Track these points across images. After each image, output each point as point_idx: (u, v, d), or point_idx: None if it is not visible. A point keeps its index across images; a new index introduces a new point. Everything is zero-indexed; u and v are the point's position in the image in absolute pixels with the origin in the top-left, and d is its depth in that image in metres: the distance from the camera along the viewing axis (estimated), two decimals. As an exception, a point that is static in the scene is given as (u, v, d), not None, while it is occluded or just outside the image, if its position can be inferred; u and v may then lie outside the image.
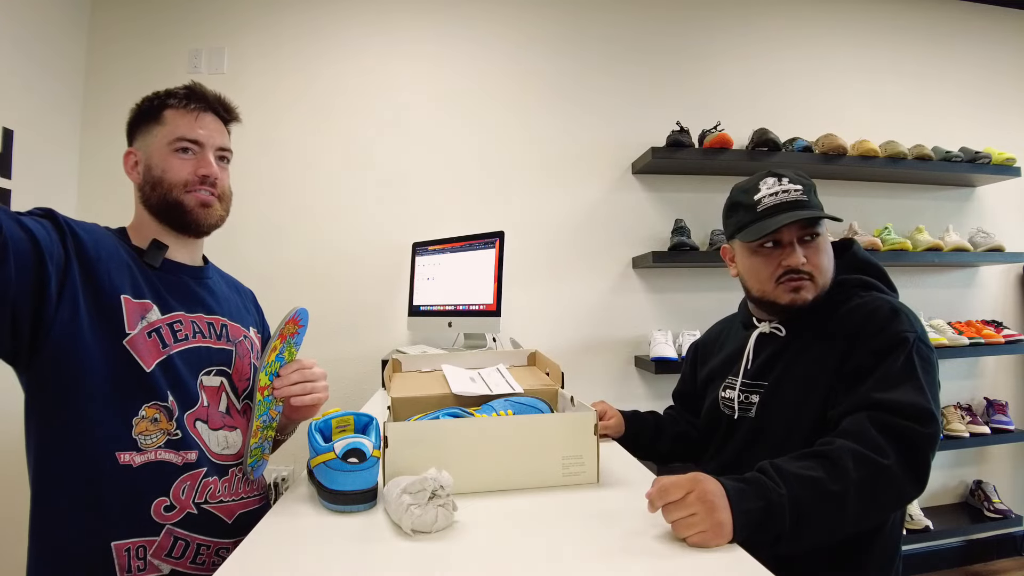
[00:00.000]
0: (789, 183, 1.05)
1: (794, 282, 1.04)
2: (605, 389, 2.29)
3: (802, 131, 2.36)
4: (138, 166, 0.97)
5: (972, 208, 2.61)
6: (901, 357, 0.93)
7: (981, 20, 2.69)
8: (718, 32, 2.46)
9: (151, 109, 0.97)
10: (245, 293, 1.20)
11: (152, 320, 0.88)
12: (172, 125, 0.95)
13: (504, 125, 2.29)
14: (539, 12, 2.34)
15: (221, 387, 0.96)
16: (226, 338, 0.99)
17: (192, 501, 0.86)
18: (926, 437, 0.85)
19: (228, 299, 1.07)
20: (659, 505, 0.69)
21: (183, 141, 0.94)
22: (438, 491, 0.69)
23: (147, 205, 0.96)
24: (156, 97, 0.98)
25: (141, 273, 0.91)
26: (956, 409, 2.38)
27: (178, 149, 0.94)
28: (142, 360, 0.85)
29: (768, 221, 1.03)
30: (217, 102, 1.00)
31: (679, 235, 2.21)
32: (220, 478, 0.91)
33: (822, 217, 1.03)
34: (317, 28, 2.20)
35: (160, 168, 0.94)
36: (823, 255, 1.05)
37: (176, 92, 0.97)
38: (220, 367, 0.97)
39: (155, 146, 0.95)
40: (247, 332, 1.06)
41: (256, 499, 0.99)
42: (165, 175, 0.94)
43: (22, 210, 0.81)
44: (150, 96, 0.98)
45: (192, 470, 0.86)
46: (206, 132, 0.97)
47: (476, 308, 1.86)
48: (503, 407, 0.94)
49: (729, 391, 1.17)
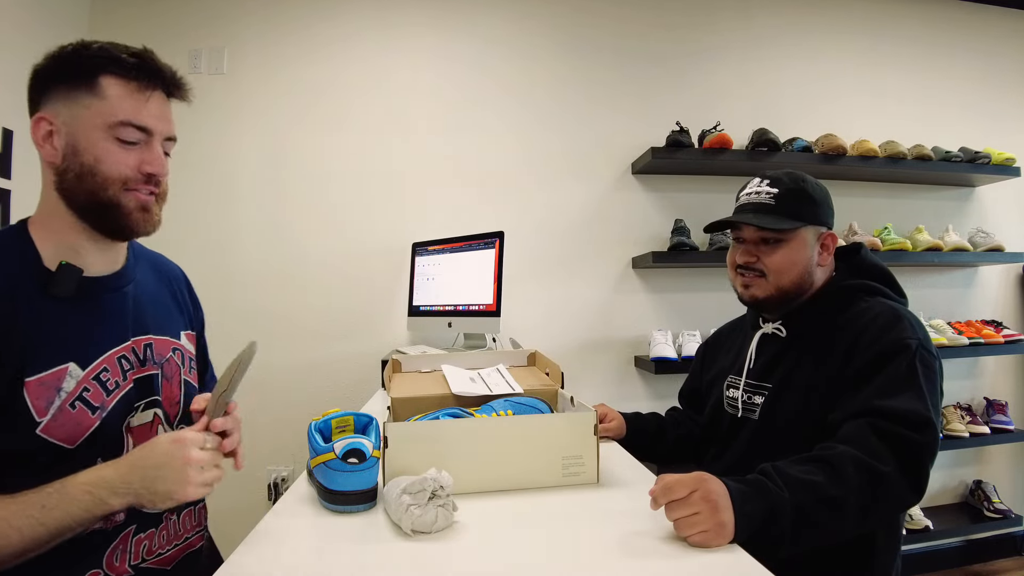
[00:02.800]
0: (768, 186, 1.09)
1: (744, 277, 1.12)
2: (605, 389, 2.29)
3: (802, 131, 2.36)
4: (53, 139, 0.75)
5: (972, 208, 2.61)
6: (903, 364, 0.93)
7: (981, 20, 2.69)
8: (718, 32, 2.46)
9: (81, 68, 0.74)
10: (175, 278, 0.99)
11: (71, 389, 0.72)
12: (114, 103, 0.74)
13: (504, 125, 2.29)
14: (539, 12, 2.34)
15: (155, 420, 0.83)
16: (151, 360, 0.84)
17: (128, 564, 0.77)
18: (924, 446, 0.86)
19: (154, 302, 0.90)
20: (662, 502, 0.69)
21: (128, 128, 0.74)
22: (438, 491, 0.69)
23: (65, 196, 0.75)
24: (88, 53, 0.74)
25: (45, 317, 0.72)
26: (956, 409, 2.38)
27: (120, 137, 0.74)
28: (63, 441, 0.71)
29: (726, 219, 1.13)
30: (172, 79, 0.80)
31: (679, 235, 2.21)
32: (156, 528, 0.81)
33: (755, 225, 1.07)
34: (317, 28, 2.20)
35: (92, 155, 0.74)
36: (781, 257, 1.07)
37: (120, 57, 0.75)
38: (151, 398, 0.82)
39: (85, 123, 0.74)
40: (177, 342, 0.90)
41: (196, 537, 0.89)
42: (99, 166, 0.74)
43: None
44: (77, 47, 0.75)
45: (123, 531, 0.76)
46: (157, 118, 0.77)
47: (476, 308, 1.85)
48: (503, 407, 0.94)
49: (733, 390, 1.17)
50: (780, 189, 1.08)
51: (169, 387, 0.86)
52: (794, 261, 1.08)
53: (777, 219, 1.07)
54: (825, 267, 1.12)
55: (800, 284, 1.09)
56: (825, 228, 1.11)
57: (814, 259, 1.09)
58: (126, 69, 0.75)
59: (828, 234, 1.11)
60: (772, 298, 1.10)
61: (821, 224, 1.10)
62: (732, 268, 1.15)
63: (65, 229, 0.77)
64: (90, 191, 0.74)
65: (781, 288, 1.08)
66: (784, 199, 1.07)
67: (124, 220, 0.77)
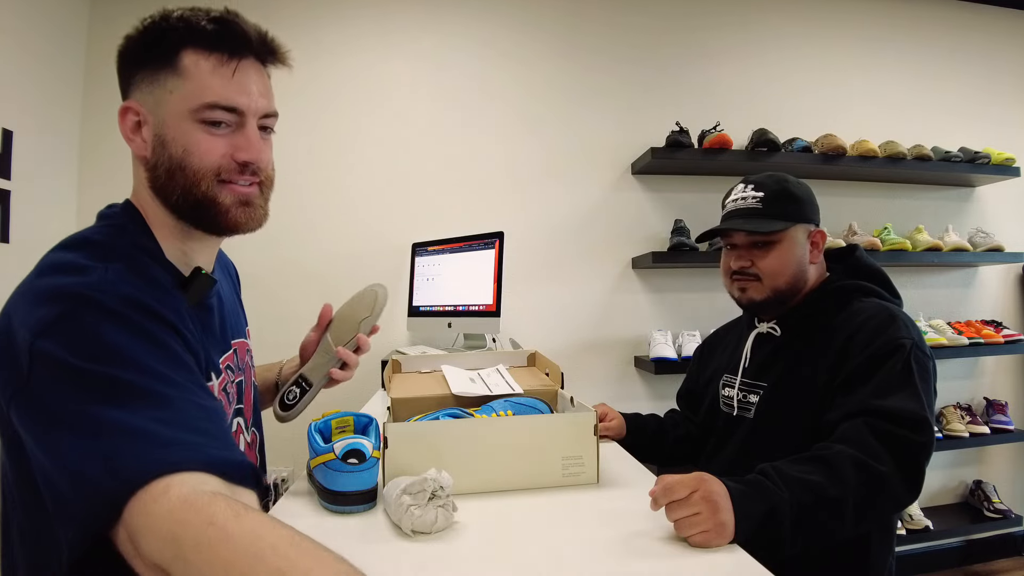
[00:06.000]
0: (753, 191, 1.11)
1: (739, 282, 1.14)
2: (605, 389, 2.28)
3: (801, 131, 2.36)
4: (142, 131, 0.66)
5: (972, 208, 2.61)
6: (898, 364, 0.94)
7: (981, 20, 2.69)
8: (718, 32, 2.46)
9: (160, 44, 0.65)
10: (233, 273, 0.96)
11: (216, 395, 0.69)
12: (198, 82, 0.64)
13: (504, 125, 2.29)
14: (539, 13, 2.34)
15: (238, 430, 0.81)
16: (238, 366, 0.81)
17: None
18: (921, 446, 0.87)
19: (231, 301, 0.86)
20: (663, 503, 0.69)
21: (216, 110, 0.64)
22: (438, 492, 0.69)
23: (160, 194, 0.67)
24: (167, 25, 0.65)
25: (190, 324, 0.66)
26: (956, 409, 2.38)
27: (207, 120, 0.65)
28: None
29: (716, 227, 1.16)
30: (263, 43, 0.69)
31: (678, 235, 2.21)
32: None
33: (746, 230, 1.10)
34: (316, 31, 2.20)
35: (180, 146, 0.64)
36: (773, 259, 1.09)
37: (199, 25, 0.64)
38: (238, 406, 0.80)
39: (171, 109, 0.64)
40: (248, 343, 0.88)
41: None
42: (188, 158, 0.65)
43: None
44: (157, 19, 0.65)
45: None
46: (246, 94, 0.66)
47: (476, 308, 1.85)
48: (503, 408, 0.94)
49: (728, 389, 1.18)
50: (765, 192, 1.10)
51: (248, 389, 0.84)
52: (787, 261, 1.09)
53: (766, 222, 1.09)
54: (817, 264, 1.13)
55: (795, 283, 1.10)
56: (813, 225, 1.12)
57: (806, 257, 1.11)
58: (206, 39, 0.65)
59: (817, 231, 1.12)
60: (769, 300, 1.11)
61: (808, 222, 1.12)
62: (726, 275, 1.17)
63: (167, 229, 0.69)
64: (183, 188, 0.65)
65: (777, 289, 1.10)
66: (770, 201, 1.09)
67: (222, 219, 0.68)
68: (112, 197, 0.74)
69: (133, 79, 0.67)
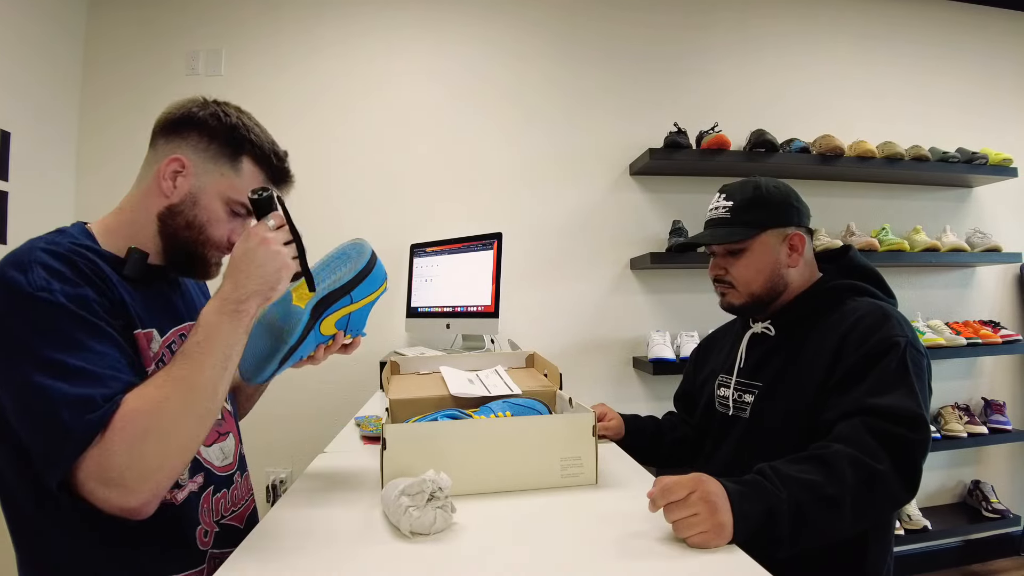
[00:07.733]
0: (724, 199, 1.14)
1: (719, 287, 1.18)
2: (603, 390, 2.28)
3: (799, 132, 2.37)
4: (178, 180, 0.80)
5: (969, 209, 2.62)
6: (893, 362, 0.94)
7: (979, 20, 2.70)
8: (716, 33, 2.46)
9: (232, 139, 0.82)
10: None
11: (156, 351, 0.79)
12: (244, 183, 0.82)
13: (502, 126, 2.30)
14: (538, 13, 2.34)
15: None
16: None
17: (213, 520, 0.84)
18: (918, 444, 0.87)
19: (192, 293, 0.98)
20: (661, 504, 0.69)
21: (241, 206, 0.83)
22: (436, 493, 0.69)
23: (164, 228, 0.81)
24: (244, 132, 0.83)
25: (127, 292, 0.77)
26: (954, 409, 2.38)
27: (234, 210, 0.83)
28: None
29: (688, 239, 1.21)
30: (290, 180, 0.92)
31: (677, 236, 2.21)
32: (228, 489, 0.88)
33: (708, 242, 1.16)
34: (315, 29, 2.20)
35: (207, 214, 0.81)
36: (743, 267, 1.12)
37: (269, 154, 0.85)
38: None
39: (214, 185, 0.81)
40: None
41: (251, 499, 0.97)
42: (208, 227, 0.82)
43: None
44: (235, 121, 0.83)
45: (204, 492, 0.83)
46: None
47: (474, 309, 1.85)
48: (501, 408, 0.94)
49: (724, 389, 1.19)
50: (734, 201, 1.12)
51: None
52: (759, 268, 1.10)
53: (731, 231, 1.10)
54: (799, 267, 1.12)
55: (771, 288, 1.11)
56: (791, 228, 1.11)
57: (782, 261, 1.11)
58: (269, 164, 0.85)
59: (794, 234, 1.11)
60: (747, 304, 1.14)
61: (783, 225, 1.11)
62: (712, 282, 1.21)
63: (143, 240, 0.81)
64: (190, 240, 0.82)
65: (753, 295, 1.12)
66: (738, 210, 1.11)
67: (201, 272, 0.86)
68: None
69: (188, 137, 0.81)
